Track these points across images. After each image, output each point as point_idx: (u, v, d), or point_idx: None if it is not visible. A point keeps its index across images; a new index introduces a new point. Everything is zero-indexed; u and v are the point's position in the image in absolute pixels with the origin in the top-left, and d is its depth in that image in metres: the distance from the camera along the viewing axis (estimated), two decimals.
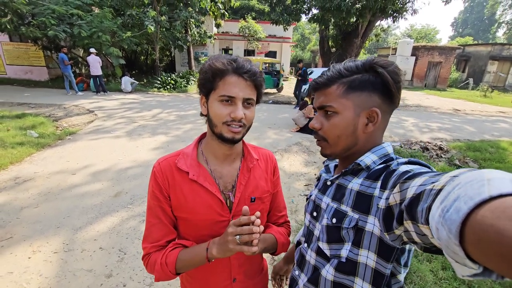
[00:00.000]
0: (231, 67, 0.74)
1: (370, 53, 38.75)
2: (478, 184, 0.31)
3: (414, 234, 0.46)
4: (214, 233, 0.82)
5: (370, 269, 0.64)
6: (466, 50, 24.44)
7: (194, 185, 0.81)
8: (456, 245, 0.30)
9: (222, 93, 0.74)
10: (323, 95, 0.72)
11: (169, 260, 0.78)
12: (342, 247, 0.67)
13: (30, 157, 4.25)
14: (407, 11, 11.79)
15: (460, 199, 0.31)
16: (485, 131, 7.65)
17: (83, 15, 10.02)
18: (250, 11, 25.74)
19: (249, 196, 0.86)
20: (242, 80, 0.75)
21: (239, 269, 0.90)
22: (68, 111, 7.51)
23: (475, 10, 58.86)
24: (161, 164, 0.83)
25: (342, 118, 0.69)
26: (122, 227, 2.70)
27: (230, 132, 0.76)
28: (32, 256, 2.26)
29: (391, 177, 0.58)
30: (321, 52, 15.04)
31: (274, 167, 0.97)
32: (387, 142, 0.75)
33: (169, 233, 0.84)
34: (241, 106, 0.75)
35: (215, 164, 0.85)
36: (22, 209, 2.89)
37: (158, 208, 0.82)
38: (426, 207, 0.39)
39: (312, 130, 0.76)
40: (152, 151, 4.82)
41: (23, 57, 12.52)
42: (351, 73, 0.69)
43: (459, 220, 0.30)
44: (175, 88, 12.84)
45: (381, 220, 0.57)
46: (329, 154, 0.76)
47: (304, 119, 6.45)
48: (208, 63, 0.76)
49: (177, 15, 12.73)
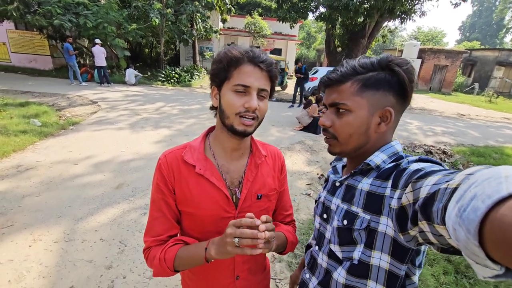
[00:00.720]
0: (247, 56, 0.72)
1: (375, 54, 38.53)
2: (496, 182, 0.29)
3: (430, 235, 0.45)
4: (219, 229, 0.80)
5: (383, 271, 0.62)
6: (472, 55, 24.25)
7: (201, 179, 0.79)
8: (475, 245, 0.29)
9: (237, 82, 0.72)
10: (336, 92, 0.69)
11: (168, 256, 0.75)
12: (354, 249, 0.66)
13: (33, 146, 4.24)
14: (416, 13, 11.68)
15: (477, 198, 0.30)
16: (490, 136, 7.60)
17: (89, 5, 9.98)
18: (257, 7, 25.57)
19: (255, 193, 0.84)
20: (258, 69, 0.73)
21: (243, 266, 0.88)
22: (71, 101, 7.51)
23: (483, 14, 58.30)
24: (167, 157, 0.80)
25: (356, 117, 0.67)
26: (123, 219, 2.69)
27: (242, 124, 0.74)
28: (32, 245, 2.26)
29: (402, 176, 0.57)
30: (326, 51, 14.95)
31: (282, 165, 0.95)
32: (395, 140, 0.73)
33: (171, 227, 0.82)
34: (255, 96, 0.73)
35: (222, 159, 0.83)
36: (24, 197, 2.89)
37: (162, 201, 0.80)
38: (442, 206, 0.38)
39: (316, 129, 0.75)
40: (154, 144, 4.81)
41: (28, 46, 12.50)
42: (366, 71, 0.66)
43: (477, 219, 0.29)
44: (179, 82, 12.81)
45: (395, 221, 0.55)
46: (338, 152, 0.74)
47: (308, 118, 6.42)
48: (223, 51, 0.74)
49: (183, 8, 12.65)
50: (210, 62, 0.74)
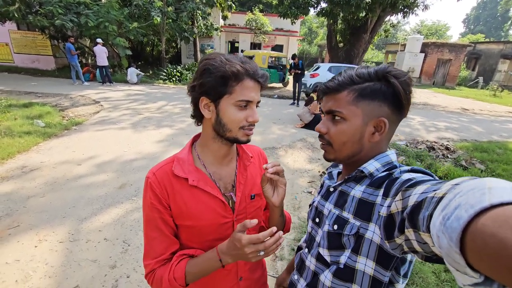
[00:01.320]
0: (247, 71, 0.73)
1: (378, 49, 38.18)
2: (479, 193, 0.31)
3: (415, 243, 0.46)
4: (219, 235, 0.81)
5: (368, 276, 0.64)
6: (477, 48, 23.91)
7: (195, 191, 0.79)
8: (457, 253, 0.30)
9: (241, 98, 0.73)
10: (333, 99, 0.71)
11: (178, 275, 0.74)
12: (342, 254, 0.68)
13: (37, 147, 4.30)
14: (418, 7, 11.52)
15: (461, 207, 0.31)
16: (493, 131, 7.53)
17: (90, 4, 9.99)
18: (258, 3, 25.43)
19: (249, 193, 0.87)
20: (258, 84, 0.76)
21: (245, 266, 0.91)
22: (74, 101, 7.56)
23: (488, 6, 57.34)
24: (156, 174, 0.78)
25: (350, 125, 0.69)
26: (126, 219, 2.73)
27: (245, 135, 0.78)
28: (38, 245, 2.31)
29: (394, 185, 0.58)
30: (328, 46, 14.83)
31: (265, 162, 0.99)
32: (391, 150, 0.74)
33: (171, 244, 0.80)
34: (256, 109, 0.77)
35: (213, 167, 0.84)
36: (29, 198, 2.94)
37: (159, 220, 0.78)
38: (428, 214, 0.39)
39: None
40: (157, 143, 4.84)
41: (30, 46, 12.59)
42: (363, 81, 0.68)
43: (459, 228, 0.30)
44: (181, 80, 12.82)
45: (382, 228, 0.57)
46: (332, 159, 0.76)
47: (310, 115, 6.41)
48: (213, 66, 0.71)
49: (183, 6, 12.62)
50: None
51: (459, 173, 4.20)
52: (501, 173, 4.34)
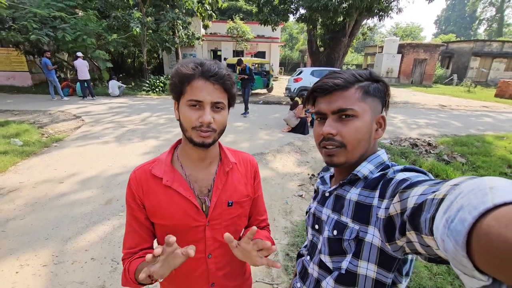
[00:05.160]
0: (197, 71, 0.73)
1: (357, 51, 39.30)
2: (481, 193, 0.30)
3: (418, 245, 0.45)
4: (192, 237, 0.82)
5: (370, 280, 0.64)
6: (449, 47, 25.12)
7: (168, 191, 0.81)
8: (464, 256, 0.30)
9: (190, 97, 0.74)
10: (341, 98, 0.68)
11: (131, 268, 0.78)
12: (344, 259, 0.67)
13: (15, 166, 4.10)
14: (393, 10, 12.03)
15: (464, 209, 0.30)
16: (471, 125, 7.86)
17: (66, 18, 9.77)
18: (238, 12, 25.69)
19: (226, 200, 0.86)
20: (210, 83, 0.74)
21: (218, 273, 0.90)
22: (53, 117, 7.30)
23: (457, 7, 60.55)
24: (137, 173, 0.84)
25: (363, 122, 0.67)
26: (114, 236, 2.63)
27: (199, 136, 0.76)
28: (19, 271, 2.17)
29: (389, 186, 0.58)
30: (309, 51, 15.15)
31: (255, 171, 0.97)
32: (381, 150, 0.75)
33: (142, 241, 0.85)
34: (209, 110, 0.74)
35: (190, 169, 0.85)
36: (8, 221, 2.78)
37: (131, 216, 0.84)
38: (429, 217, 0.38)
39: (304, 129, 0.77)
40: (142, 156, 4.73)
41: (4, 63, 12.09)
42: (365, 79, 0.70)
43: (464, 231, 0.29)
44: (164, 91, 12.67)
45: (382, 231, 0.56)
46: (342, 162, 0.69)
47: (295, 119, 6.47)
48: (175, 68, 0.77)
49: (163, 16, 12.55)
50: None
51: (442, 167, 4.33)
52: (481, 165, 4.52)
